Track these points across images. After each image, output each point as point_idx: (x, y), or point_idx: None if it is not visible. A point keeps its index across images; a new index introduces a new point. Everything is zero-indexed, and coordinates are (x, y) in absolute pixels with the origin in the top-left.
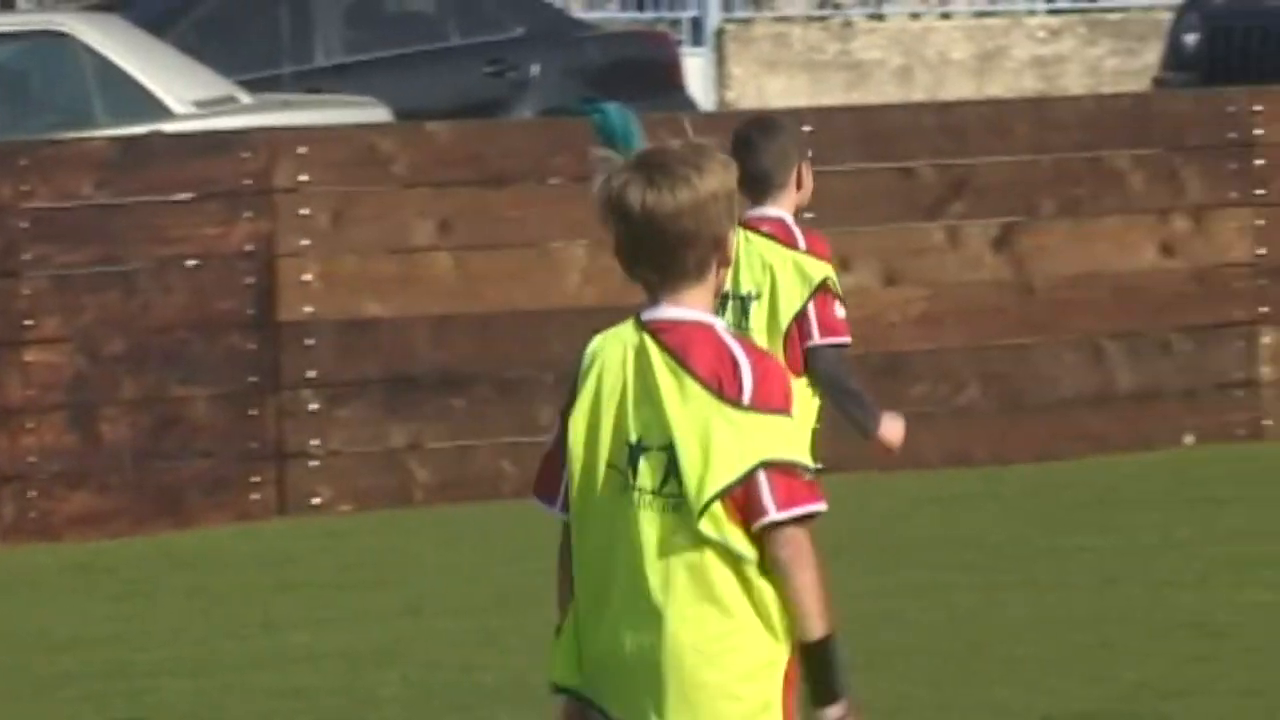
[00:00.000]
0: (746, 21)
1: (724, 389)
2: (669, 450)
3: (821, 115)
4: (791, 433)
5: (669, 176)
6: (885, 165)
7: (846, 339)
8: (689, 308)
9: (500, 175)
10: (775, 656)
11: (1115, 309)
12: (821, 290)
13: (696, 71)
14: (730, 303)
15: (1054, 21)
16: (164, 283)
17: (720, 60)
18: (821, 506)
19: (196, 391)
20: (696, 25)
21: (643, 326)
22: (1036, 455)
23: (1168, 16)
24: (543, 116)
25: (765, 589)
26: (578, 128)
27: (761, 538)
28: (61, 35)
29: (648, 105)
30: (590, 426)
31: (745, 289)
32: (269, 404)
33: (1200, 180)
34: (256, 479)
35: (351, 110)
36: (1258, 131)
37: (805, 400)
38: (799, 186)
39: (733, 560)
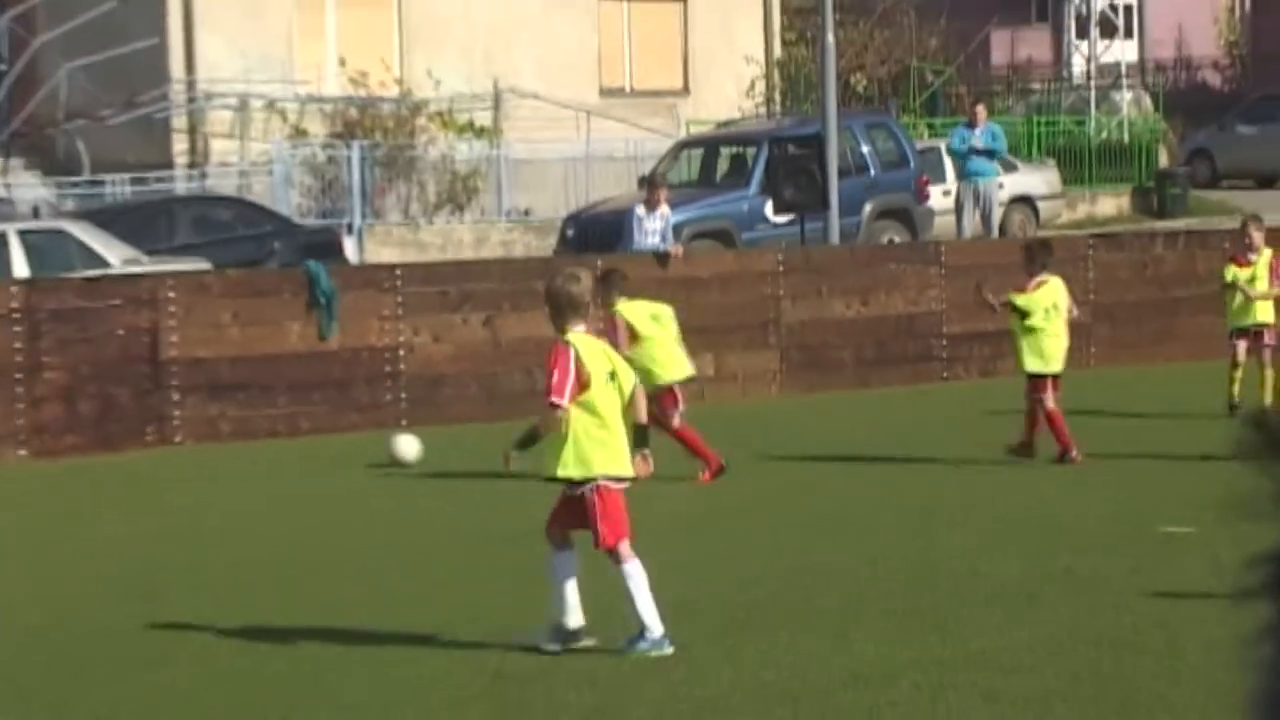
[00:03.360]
0: (373, 225)
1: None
2: (612, 373)
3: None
4: None
5: (573, 277)
6: None
7: None
8: (582, 328)
9: None
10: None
11: None
12: None
13: (351, 248)
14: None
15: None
16: None
17: (360, 242)
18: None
19: None
20: (350, 226)
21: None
22: None
23: (561, 221)
24: (283, 269)
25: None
26: (298, 274)
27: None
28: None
29: (330, 263)
30: (591, 366)
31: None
32: None
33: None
34: None
35: (190, 263)
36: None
37: None
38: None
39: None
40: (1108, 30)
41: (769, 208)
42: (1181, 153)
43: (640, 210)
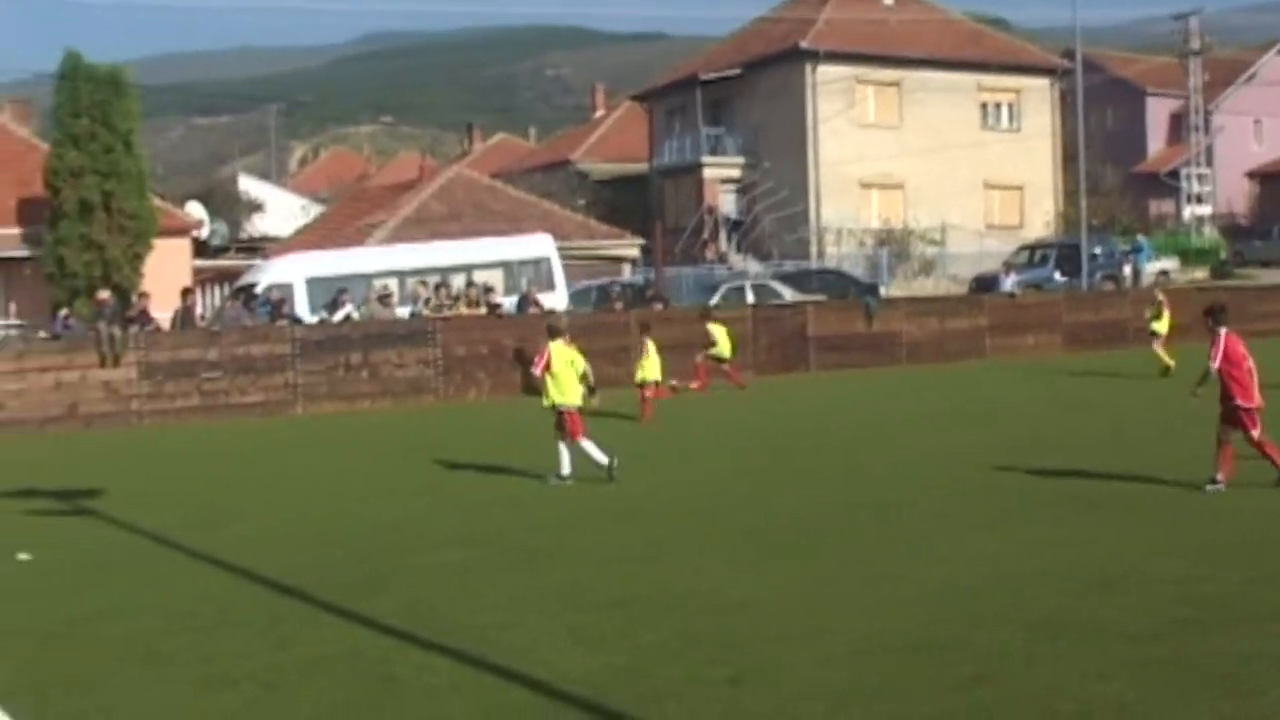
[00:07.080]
0: (891, 281)
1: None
2: (571, 361)
3: None
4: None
5: (559, 319)
6: None
7: None
8: (561, 340)
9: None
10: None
11: None
12: None
13: (882, 291)
14: None
15: None
16: None
17: (887, 287)
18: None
19: None
20: (881, 281)
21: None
22: None
23: (970, 280)
24: (852, 300)
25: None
26: (861, 302)
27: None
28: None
29: (874, 298)
30: (560, 359)
31: None
32: None
33: None
34: None
35: (817, 297)
36: None
37: None
38: None
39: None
40: None
41: (1057, 274)
42: None
43: (1002, 274)
